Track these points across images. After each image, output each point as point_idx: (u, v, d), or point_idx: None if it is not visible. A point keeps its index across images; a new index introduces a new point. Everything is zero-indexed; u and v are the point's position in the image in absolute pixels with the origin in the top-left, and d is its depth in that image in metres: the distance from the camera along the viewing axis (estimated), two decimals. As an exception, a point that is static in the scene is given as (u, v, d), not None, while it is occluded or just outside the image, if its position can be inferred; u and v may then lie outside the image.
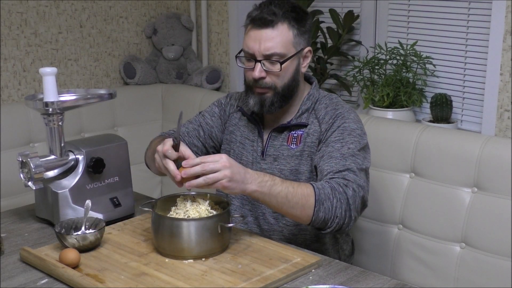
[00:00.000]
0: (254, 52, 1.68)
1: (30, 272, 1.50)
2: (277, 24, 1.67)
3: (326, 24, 2.64)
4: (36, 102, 1.73)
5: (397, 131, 2.04)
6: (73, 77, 2.81)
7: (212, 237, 1.50)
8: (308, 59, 1.77)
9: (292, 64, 1.71)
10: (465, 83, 2.35)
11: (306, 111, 1.77)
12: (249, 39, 1.70)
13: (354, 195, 1.58)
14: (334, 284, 1.40)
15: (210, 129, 1.90)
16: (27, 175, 1.70)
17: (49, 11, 2.68)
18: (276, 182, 1.54)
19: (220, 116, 1.91)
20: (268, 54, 1.67)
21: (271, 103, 1.72)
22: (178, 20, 3.01)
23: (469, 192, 1.87)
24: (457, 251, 1.88)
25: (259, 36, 1.67)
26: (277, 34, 1.67)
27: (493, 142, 1.85)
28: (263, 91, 1.72)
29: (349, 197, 1.57)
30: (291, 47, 1.69)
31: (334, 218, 1.56)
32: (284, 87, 1.72)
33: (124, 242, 1.60)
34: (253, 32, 1.69)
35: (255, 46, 1.68)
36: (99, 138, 1.93)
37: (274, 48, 1.67)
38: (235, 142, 1.85)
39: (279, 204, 1.54)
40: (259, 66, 1.68)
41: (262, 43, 1.67)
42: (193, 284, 1.38)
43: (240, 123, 1.86)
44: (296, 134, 1.76)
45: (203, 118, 1.92)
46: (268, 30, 1.67)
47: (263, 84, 1.70)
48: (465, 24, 2.31)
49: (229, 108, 1.91)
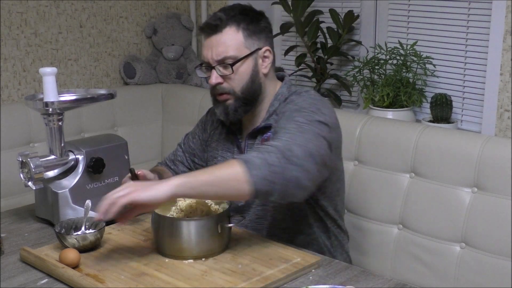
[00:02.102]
0: (208, 60, 1.70)
1: (30, 272, 1.50)
2: (225, 28, 1.68)
3: (326, 24, 2.64)
4: (36, 102, 1.73)
5: (397, 131, 2.04)
6: (73, 77, 2.81)
7: (212, 237, 1.50)
8: (268, 59, 1.74)
9: (247, 65, 1.70)
10: (465, 83, 2.35)
11: (274, 112, 1.74)
12: (203, 48, 1.73)
13: (284, 145, 1.47)
14: (334, 284, 1.40)
15: (192, 151, 1.94)
16: (27, 175, 1.70)
17: (49, 11, 2.68)
18: (196, 172, 1.47)
19: (199, 137, 1.93)
20: (220, 59, 1.68)
21: (234, 109, 1.72)
22: (178, 20, 3.01)
23: (469, 192, 1.87)
24: (457, 251, 1.88)
25: (210, 43, 1.70)
26: (226, 38, 1.68)
27: (493, 142, 1.85)
28: (223, 98, 1.72)
29: (276, 147, 1.46)
30: (243, 48, 1.69)
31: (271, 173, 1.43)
32: (244, 90, 1.70)
33: (124, 242, 1.60)
34: (205, 41, 1.72)
35: (208, 54, 1.70)
36: (99, 138, 1.93)
37: (225, 52, 1.67)
38: (217, 157, 1.85)
39: (215, 186, 1.43)
40: (215, 73, 1.70)
41: (213, 49, 1.68)
42: (193, 284, 1.38)
43: (221, 137, 1.86)
44: (266, 137, 1.74)
45: (187, 140, 1.97)
46: (217, 35, 1.68)
47: (221, 89, 1.71)
48: (465, 24, 2.31)
49: (210, 125, 1.91)
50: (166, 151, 2.75)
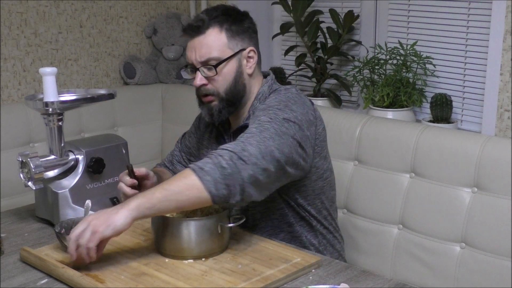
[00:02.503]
0: (192, 61, 1.70)
1: (30, 272, 1.50)
2: (207, 29, 1.67)
3: (326, 24, 2.64)
4: (36, 102, 1.73)
5: (397, 131, 2.04)
6: (73, 77, 2.81)
7: (212, 237, 1.50)
8: (253, 59, 1.73)
9: (230, 66, 1.69)
10: (465, 83, 2.35)
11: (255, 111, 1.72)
12: (187, 49, 1.72)
13: (233, 148, 1.46)
14: (334, 284, 1.40)
15: (188, 150, 1.94)
16: (27, 175, 1.70)
17: (49, 11, 2.68)
18: (155, 190, 1.44)
19: (195, 135, 1.94)
20: (203, 60, 1.68)
21: (218, 110, 1.71)
22: (178, 20, 3.01)
23: (469, 192, 1.87)
24: (457, 251, 1.88)
25: (193, 44, 1.69)
26: (209, 39, 1.67)
27: (493, 142, 1.85)
28: (208, 99, 1.71)
29: (228, 151, 1.45)
30: (226, 49, 1.68)
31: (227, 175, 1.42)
32: (227, 91, 1.70)
33: (124, 242, 1.60)
34: (189, 42, 1.71)
35: (192, 56, 1.70)
36: (99, 138, 1.93)
37: (208, 53, 1.67)
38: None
39: (167, 206, 1.43)
40: (199, 75, 1.69)
41: (197, 51, 1.68)
42: (193, 284, 1.38)
43: (211, 136, 1.86)
44: None
45: (184, 140, 1.97)
46: (200, 37, 1.68)
47: (206, 91, 1.70)
48: (465, 24, 2.31)
49: (204, 124, 1.91)
50: (166, 151, 2.75)
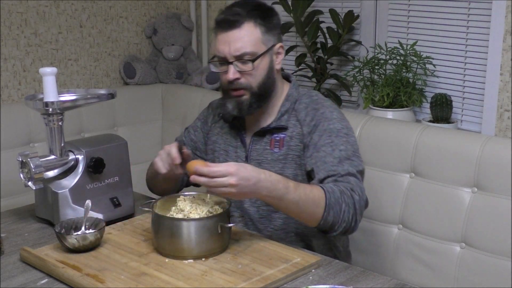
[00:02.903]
0: (225, 55, 1.69)
1: (30, 272, 1.50)
2: (243, 23, 1.67)
3: (326, 24, 2.64)
4: (36, 102, 1.73)
5: (397, 131, 2.04)
6: (73, 77, 2.81)
7: (212, 237, 1.50)
8: (281, 56, 1.76)
9: (264, 61, 1.71)
10: (465, 83, 2.35)
11: (286, 112, 1.76)
12: (219, 42, 1.71)
13: (360, 199, 1.59)
14: (334, 284, 1.40)
15: (194, 144, 1.93)
16: (27, 175, 1.70)
17: (49, 11, 2.68)
18: (289, 190, 1.52)
19: (201, 129, 1.93)
20: (238, 54, 1.68)
21: (249, 104, 1.72)
22: (178, 20, 3.01)
23: (469, 192, 1.87)
24: (457, 251, 1.88)
25: (227, 38, 1.68)
26: (244, 33, 1.67)
27: (493, 142, 1.85)
28: (239, 93, 1.72)
29: (356, 202, 1.58)
30: (261, 44, 1.69)
31: (341, 223, 1.57)
32: (260, 86, 1.71)
33: (124, 242, 1.60)
34: (221, 35, 1.70)
35: (225, 49, 1.69)
36: (99, 138, 1.93)
37: (244, 47, 1.67)
38: (218, 151, 1.85)
39: (289, 210, 1.55)
40: (232, 68, 1.69)
41: (231, 45, 1.68)
42: (193, 284, 1.38)
43: (222, 131, 1.86)
44: (278, 138, 1.75)
45: (188, 134, 1.95)
46: (235, 31, 1.67)
47: (238, 85, 1.71)
48: (465, 24, 2.31)
49: (211, 118, 1.91)
50: (166, 151, 2.75)
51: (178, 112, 2.82)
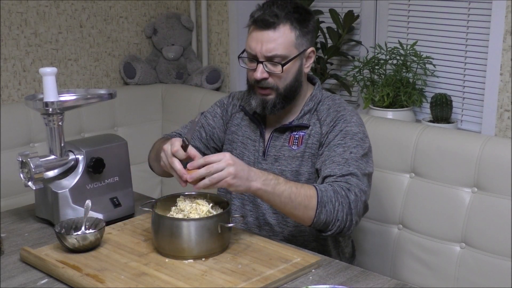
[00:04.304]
0: (256, 53, 1.68)
1: (30, 272, 1.50)
2: (279, 25, 1.67)
3: (326, 24, 2.64)
4: (36, 102, 1.73)
5: (397, 131, 2.04)
6: (73, 77, 2.81)
7: (212, 237, 1.50)
8: (311, 60, 1.76)
9: (294, 65, 1.71)
10: (465, 83, 2.35)
11: (308, 112, 1.77)
12: (252, 40, 1.70)
13: (356, 199, 1.59)
14: (334, 284, 1.40)
15: (212, 130, 1.90)
16: (27, 175, 1.70)
17: (49, 11, 2.68)
18: (280, 182, 1.54)
19: (222, 117, 1.91)
20: (269, 55, 1.67)
21: (273, 104, 1.72)
22: (178, 20, 3.01)
23: (469, 192, 1.87)
24: (457, 251, 1.88)
25: (261, 37, 1.67)
26: (278, 35, 1.67)
27: (493, 142, 1.85)
28: (265, 92, 1.72)
29: (351, 201, 1.58)
30: (293, 48, 1.69)
31: (335, 221, 1.57)
32: (286, 88, 1.71)
33: (124, 242, 1.60)
34: (255, 33, 1.69)
35: (257, 48, 1.68)
36: (99, 138, 1.93)
37: (276, 50, 1.67)
38: (237, 142, 1.85)
39: (282, 203, 1.55)
40: (261, 68, 1.69)
41: (264, 45, 1.67)
42: (193, 284, 1.38)
43: (242, 123, 1.86)
44: (298, 135, 1.76)
45: (205, 119, 1.92)
46: (270, 31, 1.67)
47: (265, 84, 1.71)
48: (465, 24, 2.31)
49: (232, 108, 1.90)
50: (166, 151, 2.75)
51: (178, 112, 2.82)
